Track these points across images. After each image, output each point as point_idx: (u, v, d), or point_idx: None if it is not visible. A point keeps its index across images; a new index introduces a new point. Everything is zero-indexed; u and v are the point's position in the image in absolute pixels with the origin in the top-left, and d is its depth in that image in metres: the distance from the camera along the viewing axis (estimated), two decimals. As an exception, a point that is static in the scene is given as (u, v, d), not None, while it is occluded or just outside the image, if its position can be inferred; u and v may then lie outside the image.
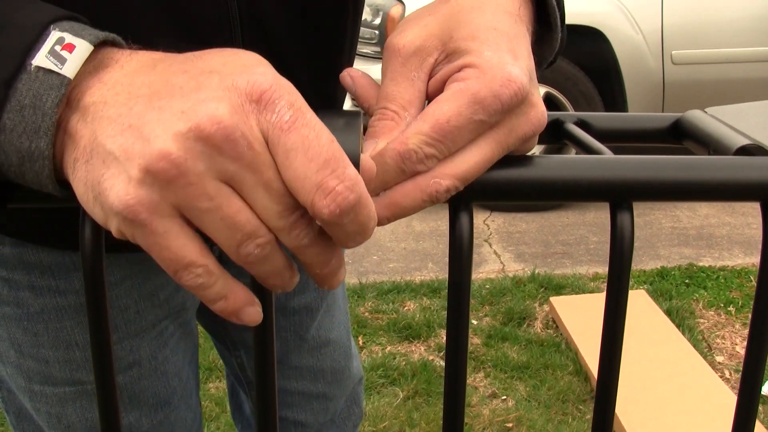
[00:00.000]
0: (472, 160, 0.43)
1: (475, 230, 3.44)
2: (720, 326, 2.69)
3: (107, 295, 0.44)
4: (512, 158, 0.44)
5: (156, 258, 0.39)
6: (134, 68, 0.41)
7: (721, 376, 2.35)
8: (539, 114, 0.45)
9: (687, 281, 2.98)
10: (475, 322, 2.72)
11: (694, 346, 2.47)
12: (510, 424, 2.20)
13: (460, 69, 0.45)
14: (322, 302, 1.03)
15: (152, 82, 0.39)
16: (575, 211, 3.69)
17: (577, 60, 3.55)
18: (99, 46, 0.41)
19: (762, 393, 2.28)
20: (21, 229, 0.75)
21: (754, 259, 3.12)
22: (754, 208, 3.55)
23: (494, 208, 3.69)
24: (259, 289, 0.45)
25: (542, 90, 3.53)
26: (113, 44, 0.43)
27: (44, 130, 0.39)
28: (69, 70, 0.39)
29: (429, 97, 0.47)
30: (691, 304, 2.81)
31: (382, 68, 0.49)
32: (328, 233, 0.40)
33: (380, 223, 0.43)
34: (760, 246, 0.45)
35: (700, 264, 3.11)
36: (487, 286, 2.93)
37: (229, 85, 0.38)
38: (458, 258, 0.43)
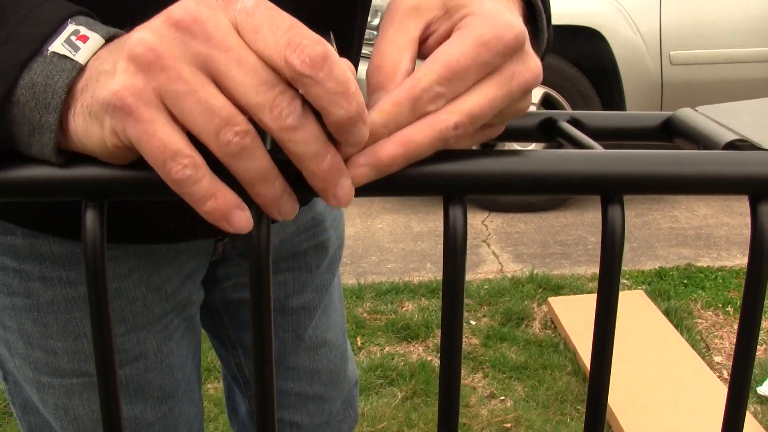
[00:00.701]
0: (477, 99, 0.45)
1: (473, 231, 3.45)
2: (718, 326, 2.69)
3: (108, 285, 0.44)
4: (504, 152, 0.44)
5: (145, 149, 0.40)
6: None
7: (719, 376, 2.35)
8: (537, 64, 0.48)
9: (685, 281, 2.99)
10: (473, 322, 2.72)
11: (693, 347, 2.48)
12: (508, 425, 2.20)
13: (461, 19, 0.46)
14: (320, 302, 1.04)
15: None
16: (573, 211, 3.69)
17: (575, 60, 3.56)
18: (108, 40, 0.45)
19: (760, 393, 2.28)
20: (33, 219, 0.76)
21: (752, 260, 3.13)
22: (752, 209, 3.55)
23: (492, 209, 3.70)
24: (257, 285, 0.45)
25: (540, 90, 3.54)
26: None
27: (54, 106, 0.43)
28: (81, 56, 0.43)
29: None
30: (690, 304, 2.82)
31: (380, 25, 0.50)
32: (312, 104, 0.40)
33: (394, 166, 0.43)
34: (749, 240, 0.46)
35: (699, 264, 3.12)
36: (486, 287, 2.94)
37: None
38: (452, 252, 0.44)
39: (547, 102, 3.59)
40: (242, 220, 0.42)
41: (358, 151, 0.43)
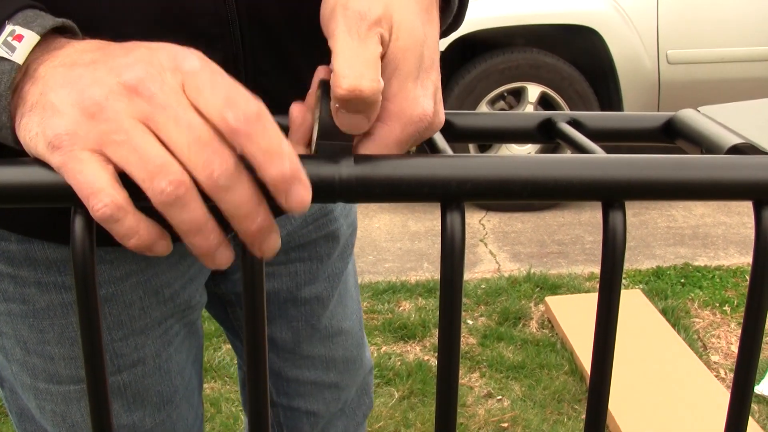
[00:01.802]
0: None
1: (470, 230, 3.44)
2: (715, 326, 2.69)
3: (98, 291, 0.44)
4: (504, 158, 0.44)
5: (72, 184, 0.43)
6: (83, 47, 0.48)
7: (716, 376, 2.35)
8: (441, 120, 0.54)
9: (682, 281, 2.98)
10: (470, 322, 2.72)
11: (690, 346, 2.48)
12: (505, 424, 2.20)
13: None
14: (333, 292, 1.03)
15: (95, 56, 0.46)
16: (571, 210, 3.69)
17: (573, 59, 3.55)
18: (54, 32, 0.49)
19: (757, 392, 2.28)
20: (27, 224, 0.75)
21: (750, 259, 3.13)
22: (749, 208, 3.54)
23: (490, 208, 3.69)
24: (250, 274, 0.44)
25: (537, 90, 3.53)
26: (71, 30, 0.50)
27: (2, 107, 0.46)
28: (18, 56, 0.46)
29: None
30: (687, 303, 2.81)
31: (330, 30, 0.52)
32: (249, 162, 0.42)
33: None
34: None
35: (696, 263, 3.12)
36: (483, 286, 2.93)
37: (153, 53, 0.45)
38: (450, 258, 0.43)
39: (544, 101, 3.58)
40: (162, 247, 0.44)
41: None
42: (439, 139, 0.53)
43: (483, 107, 3.53)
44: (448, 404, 0.46)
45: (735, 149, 0.47)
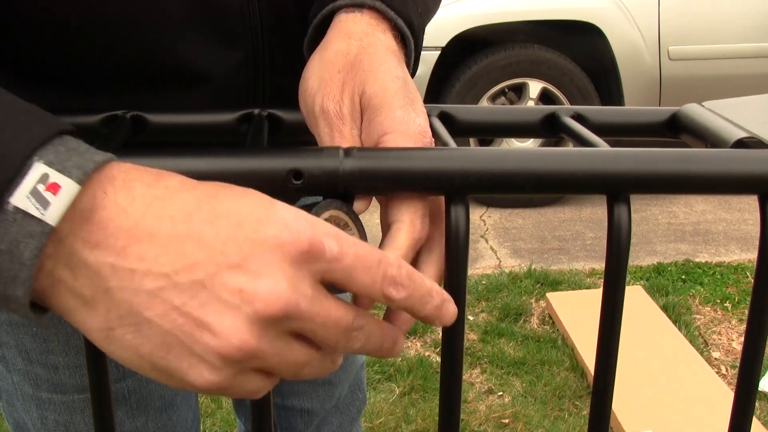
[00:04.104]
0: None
1: (471, 226, 3.43)
2: (716, 322, 2.69)
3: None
4: (508, 151, 0.43)
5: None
6: (141, 212, 0.38)
7: (717, 372, 2.35)
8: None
9: (683, 277, 2.98)
10: (471, 318, 2.71)
11: (691, 342, 2.47)
12: (506, 420, 2.20)
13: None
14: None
15: (181, 246, 0.38)
16: (571, 206, 3.69)
17: (574, 56, 3.55)
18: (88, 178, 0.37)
19: (760, 389, 2.28)
20: None
21: (751, 255, 3.13)
22: (750, 204, 3.56)
23: (490, 204, 3.69)
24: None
25: (539, 85, 3.53)
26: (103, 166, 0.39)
27: (22, 280, 0.36)
28: (52, 216, 0.36)
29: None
30: (688, 300, 2.81)
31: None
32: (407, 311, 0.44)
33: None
34: (756, 242, 0.45)
35: (697, 260, 3.11)
36: (484, 282, 2.93)
37: (273, 241, 0.38)
38: (454, 250, 0.43)
39: (545, 97, 3.58)
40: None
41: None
42: (443, 133, 0.53)
43: (484, 103, 3.52)
44: (451, 396, 0.46)
45: (740, 143, 0.47)
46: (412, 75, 0.63)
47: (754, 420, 2.12)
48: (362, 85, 0.54)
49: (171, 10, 0.62)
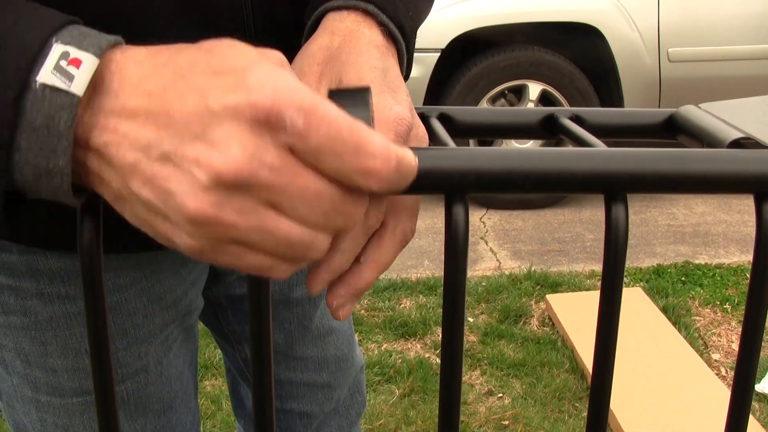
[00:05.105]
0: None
1: (471, 228, 3.44)
2: (716, 324, 2.69)
3: (106, 295, 0.44)
4: (507, 150, 0.44)
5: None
6: (129, 93, 0.41)
7: (717, 374, 2.35)
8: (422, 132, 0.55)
9: (683, 279, 2.98)
10: (471, 319, 2.72)
11: (690, 344, 2.48)
12: (506, 422, 2.20)
13: None
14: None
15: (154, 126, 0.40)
16: (571, 208, 3.69)
17: (574, 57, 3.56)
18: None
19: (758, 390, 2.28)
20: (29, 233, 0.73)
21: (751, 257, 3.12)
22: (750, 206, 3.56)
23: (490, 206, 3.70)
24: (256, 282, 0.45)
25: (538, 87, 3.53)
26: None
27: (61, 150, 0.40)
28: (78, 87, 0.39)
29: None
30: (688, 301, 2.81)
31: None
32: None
33: (369, 287, 0.50)
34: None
35: (697, 261, 3.12)
36: (483, 284, 2.94)
37: (232, 111, 0.38)
38: (454, 250, 0.43)
39: (545, 99, 3.58)
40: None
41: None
42: (442, 133, 0.53)
43: (484, 105, 3.53)
44: (451, 397, 0.46)
45: (736, 143, 0.48)
46: (406, 78, 0.63)
47: (754, 421, 2.12)
48: (339, 75, 0.54)
49: (162, 9, 0.62)
